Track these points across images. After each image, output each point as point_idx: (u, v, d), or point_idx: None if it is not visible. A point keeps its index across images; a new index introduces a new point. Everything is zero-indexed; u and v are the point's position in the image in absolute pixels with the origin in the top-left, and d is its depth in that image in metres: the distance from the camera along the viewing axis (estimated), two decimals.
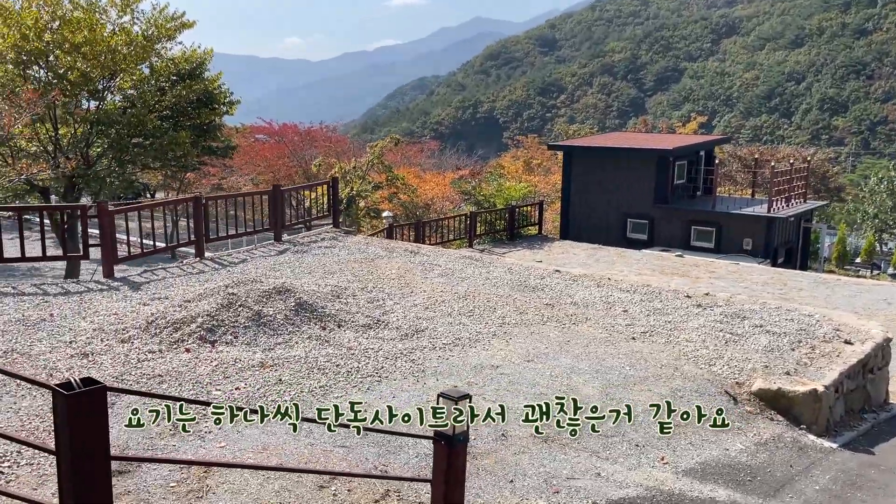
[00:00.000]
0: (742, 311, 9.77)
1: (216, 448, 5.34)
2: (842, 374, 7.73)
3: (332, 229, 15.12)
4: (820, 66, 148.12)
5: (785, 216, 20.90)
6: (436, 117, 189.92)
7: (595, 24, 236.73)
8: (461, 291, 10.42)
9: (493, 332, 8.66)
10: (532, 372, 7.36)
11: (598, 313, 9.73)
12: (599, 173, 23.95)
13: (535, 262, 15.54)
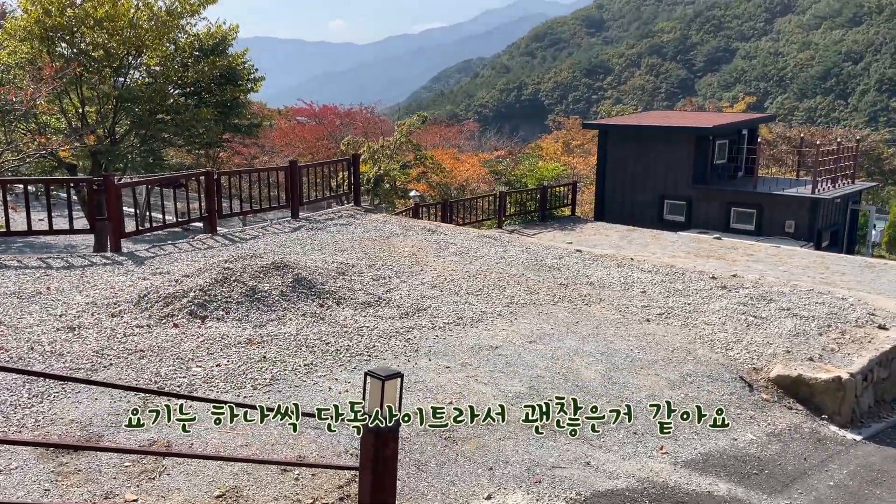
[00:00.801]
0: (769, 294, 9.17)
1: (201, 405, 5.11)
2: (872, 360, 7.14)
3: (352, 207, 14.89)
4: (879, 46, 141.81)
5: (830, 197, 19.86)
6: (479, 100, 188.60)
7: (644, 4, 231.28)
8: (472, 270, 10.05)
9: (499, 311, 8.27)
10: (532, 353, 6.96)
11: (614, 294, 9.25)
12: (635, 153, 23.15)
13: (562, 244, 15.04)
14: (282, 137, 40.12)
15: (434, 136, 48.37)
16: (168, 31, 16.07)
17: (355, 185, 15.29)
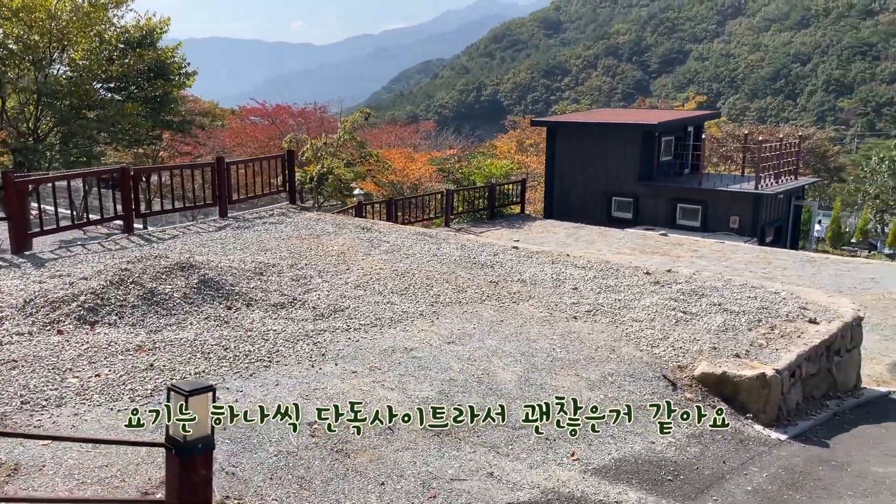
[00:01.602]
0: (702, 289, 8.94)
1: (67, 419, 4.58)
2: (800, 356, 6.91)
3: (287, 206, 14.36)
4: (826, 48, 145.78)
5: (773, 193, 19.97)
6: (439, 100, 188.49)
7: (600, 6, 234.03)
8: (401, 269, 9.63)
9: (422, 311, 7.87)
10: (448, 355, 6.57)
11: (544, 291, 8.92)
12: (584, 150, 23.03)
13: (502, 241, 14.72)
14: (233, 137, 39.29)
15: (389, 135, 47.87)
16: (93, 24, 15.30)
17: (290, 183, 14.75)
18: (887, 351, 11.10)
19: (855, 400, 7.77)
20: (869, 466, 5.58)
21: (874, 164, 45.55)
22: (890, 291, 14.27)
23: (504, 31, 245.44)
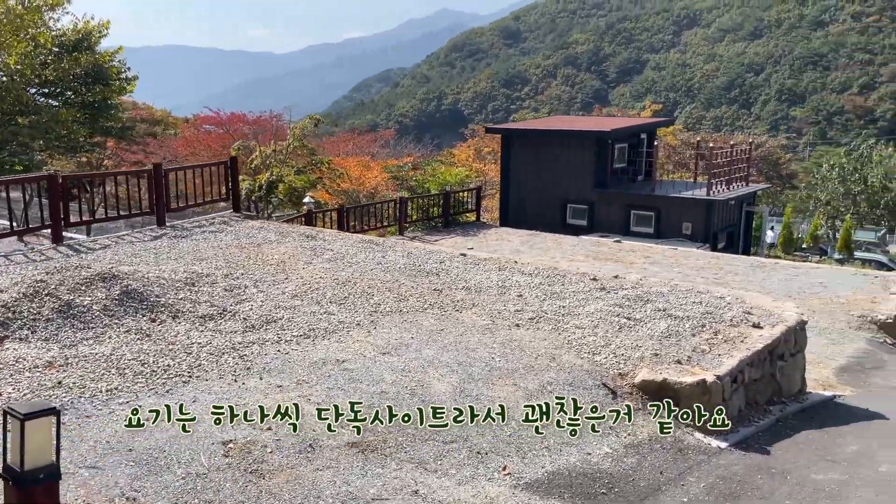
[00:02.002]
0: (647, 295, 8.83)
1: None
2: (742, 361, 6.81)
3: (231, 214, 13.93)
4: (778, 58, 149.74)
5: (724, 199, 20.17)
6: (400, 109, 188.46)
7: (559, 16, 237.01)
8: (343, 277, 9.33)
9: (359, 321, 7.58)
10: (382, 366, 6.29)
11: (489, 298, 8.71)
12: (538, 157, 23.00)
13: (449, 248, 14.52)
14: (186, 146, 38.58)
15: (347, 144, 47.45)
16: (26, 27, 14.70)
17: (234, 191, 14.33)
18: (834, 355, 11.15)
19: (799, 405, 7.71)
20: (809, 474, 5.46)
21: (825, 172, 46.68)
22: (837, 295, 14.42)
23: (464, 40, 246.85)
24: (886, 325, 13.11)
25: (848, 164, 45.64)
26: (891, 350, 12.41)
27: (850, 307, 13.72)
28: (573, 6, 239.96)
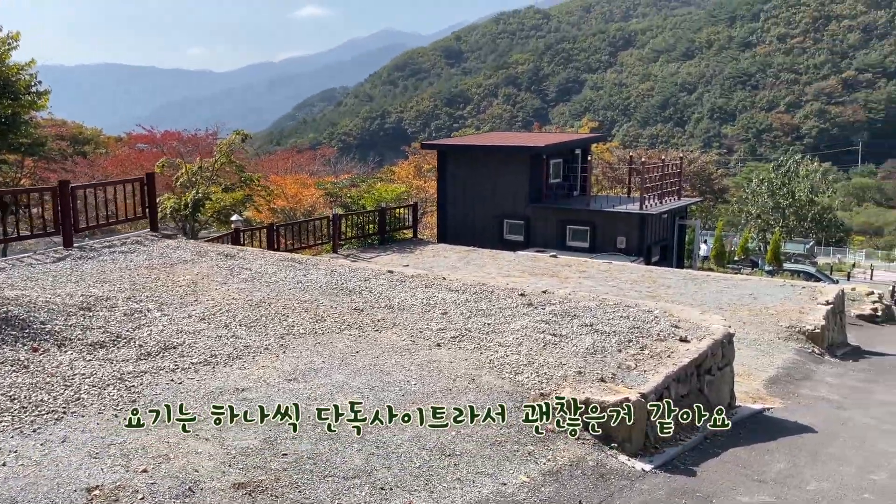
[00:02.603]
0: (574, 310, 8.57)
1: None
2: (668, 377, 6.56)
3: (147, 233, 13.19)
4: (710, 77, 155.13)
5: (657, 213, 20.33)
6: (343, 128, 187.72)
7: (499, 37, 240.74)
8: (257, 298, 8.78)
9: (268, 345, 7.06)
10: (286, 395, 5.80)
11: (412, 317, 8.30)
12: (475, 173, 22.83)
13: (380, 266, 14.07)
14: (117, 165, 37.30)
15: (286, 161, 46.66)
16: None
17: (151, 209, 13.60)
18: (764, 366, 11.12)
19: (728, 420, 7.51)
20: (735, 495, 5.21)
21: (755, 186, 48.13)
22: (766, 306, 14.53)
23: (406, 59, 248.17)
24: (814, 335, 13.24)
25: (776, 178, 47.17)
26: (818, 360, 12.51)
27: (779, 318, 13.82)
28: (513, 27, 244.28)
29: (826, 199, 50.20)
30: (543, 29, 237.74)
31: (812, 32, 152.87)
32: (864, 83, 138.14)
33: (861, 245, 69.58)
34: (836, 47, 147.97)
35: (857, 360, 13.47)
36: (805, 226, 48.23)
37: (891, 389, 10.70)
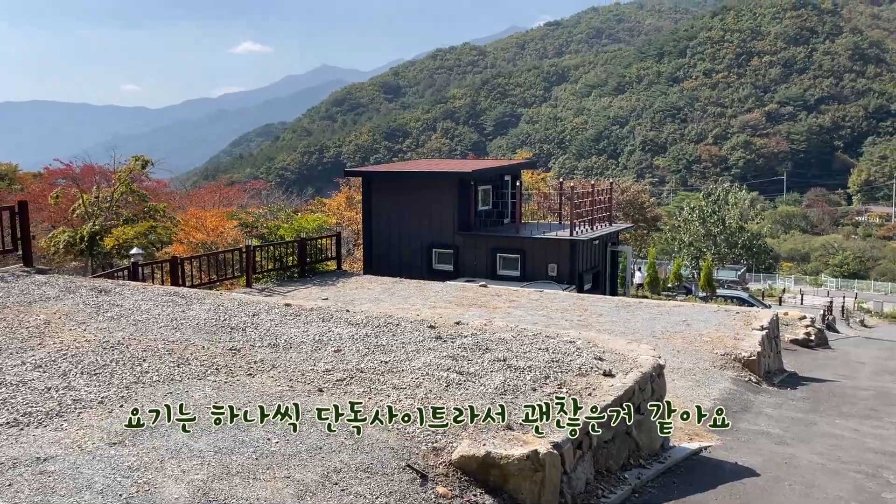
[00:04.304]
0: (488, 342, 7.51)
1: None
2: (588, 420, 5.54)
3: (18, 268, 11.61)
4: (640, 111, 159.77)
5: (588, 239, 19.67)
6: (281, 162, 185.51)
7: (437, 72, 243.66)
8: (115, 340, 7.43)
9: (106, 397, 5.74)
10: (101, 463, 4.50)
11: (297, 357, 7.09)
12: (401, 201, 21.80)
13: (275, 299, 12.79)
14: (32, 201, 35.00)
15: (213, 195, 44.82)
16: None
17: (24, 241, 12.04)
18: (699, 398, 10.29)
19: (661, 465, 6.54)
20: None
21: (686, 214, 48.64)
22: (700, 333, 13.85)
23: (345, 94, 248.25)
24: (750, 363, 12.57)
25: (707, 206, 47.79)
26: (755, 389, 11.79)
27: (714, 345, 13.13)
28: (450, 63, 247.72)
29: (755, 226, 51.18)
30: (479, 64, 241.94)
31: (736, 67, 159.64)
32: (787, 115, 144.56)
33: (789, 271, 71.52)
34: (759, 81, 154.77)
35: (795, 387, 12.86)
36: (736, 252, 48.93)
37: (832, 420, 9.99)
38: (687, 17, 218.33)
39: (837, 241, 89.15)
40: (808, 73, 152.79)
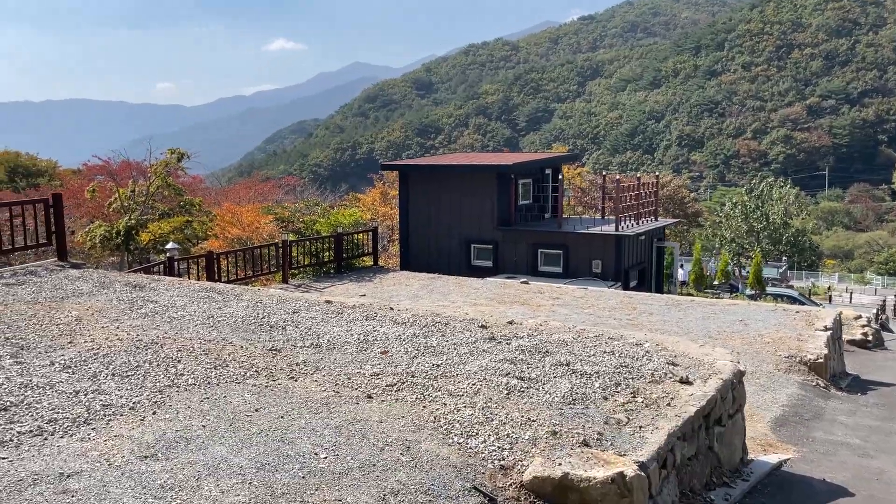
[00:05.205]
0: (547, 344, 6.90)
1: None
2: (672, 434, 4.90)
3: (53, 262, 11.33)
4: (677, 105, 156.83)
5: (634, 234, 18.89)
6: (314, 159, 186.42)
7: (469, 68, 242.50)
8: (149, 339, 6.98)
9: (138, 402, 5.27)
10: (131, 481, 4.01)
11: (342, 358, 6.56)
12: (439, 195, 21.23)
13: (315, 296, 12.31)
14: (69, 197, 35.36)
15: (248, 191, 44.88)
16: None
17: (58, 234, 11.74)
18: (767, 404, 9.56)
19: (745, 483, 5.87)
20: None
21: (728, 210, 47.28)
22: (760, 334, 13.04)
23: (377, 91, 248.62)
24: (816, 366, 11.75)
25: (750, 202, 46.40)
26: (825, 394, 10.99)
27: (777, 347, 12.32)
28: (482, 58, 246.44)
29: (800, 222, 49.59)
30: (512, 60, 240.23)
31: (776, 60, 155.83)
32: (828, 109, 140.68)
33: (833, 268, 69.35)
34: (800, 75, 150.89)
35: (865, 392, 12.01)
36: (780, 249, 47.45)
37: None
38: (725, 9, 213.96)
39: (882, 238, 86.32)
40: (850, 66, 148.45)
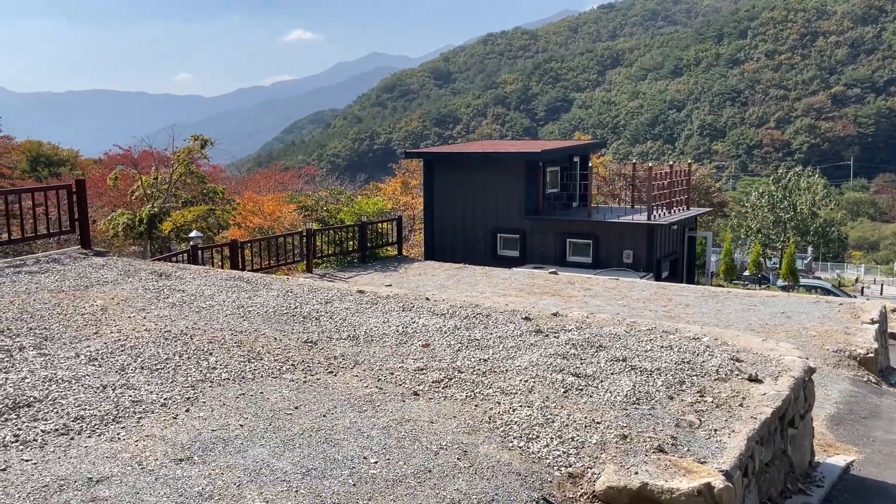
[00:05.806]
0: (598, 337, 6.47)
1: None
2: (751, 439, 4.47)
3: (76, 249, 11.05)
4: (698, 95, 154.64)
5: (667, 223, 18.34)
6: (332, 149, 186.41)
7: (487, 58, 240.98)
8: (178, 329, 6.64)
9: (169, 398, 4.92)
10: (166, 487, 3.65)
11: (382, 352, 6.18)
12: (464, 183, 20.79)
13: (348, 286, 11.95)
14: (90, 186, 35.46)
15: (268, 180, 44.73)
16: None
17: (82, 221, 11.46)
18: (820, 400, 9.05)
19: (821, 489, 5.43)
20: None
21: (755, 199, 46.35)
22: (805, 327, 12.51)
23: (395, 81, 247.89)
24: (867, 360, 11.22)
25: (777, 191, 45.47)
26: (877, 391, 10.48)
27: (823, 340, 11.80)
28: (500, 47, 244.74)
29: (828, 213, 48.55)
30: (531, 49, 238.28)
31: (800, 48, 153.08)
32: (854, 98, 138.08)
33: (859, 260, 68.03)
34: (824, 63, 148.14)
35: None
36: (807, 240, 46.49)
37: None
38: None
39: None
40: (876, 54, 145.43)
